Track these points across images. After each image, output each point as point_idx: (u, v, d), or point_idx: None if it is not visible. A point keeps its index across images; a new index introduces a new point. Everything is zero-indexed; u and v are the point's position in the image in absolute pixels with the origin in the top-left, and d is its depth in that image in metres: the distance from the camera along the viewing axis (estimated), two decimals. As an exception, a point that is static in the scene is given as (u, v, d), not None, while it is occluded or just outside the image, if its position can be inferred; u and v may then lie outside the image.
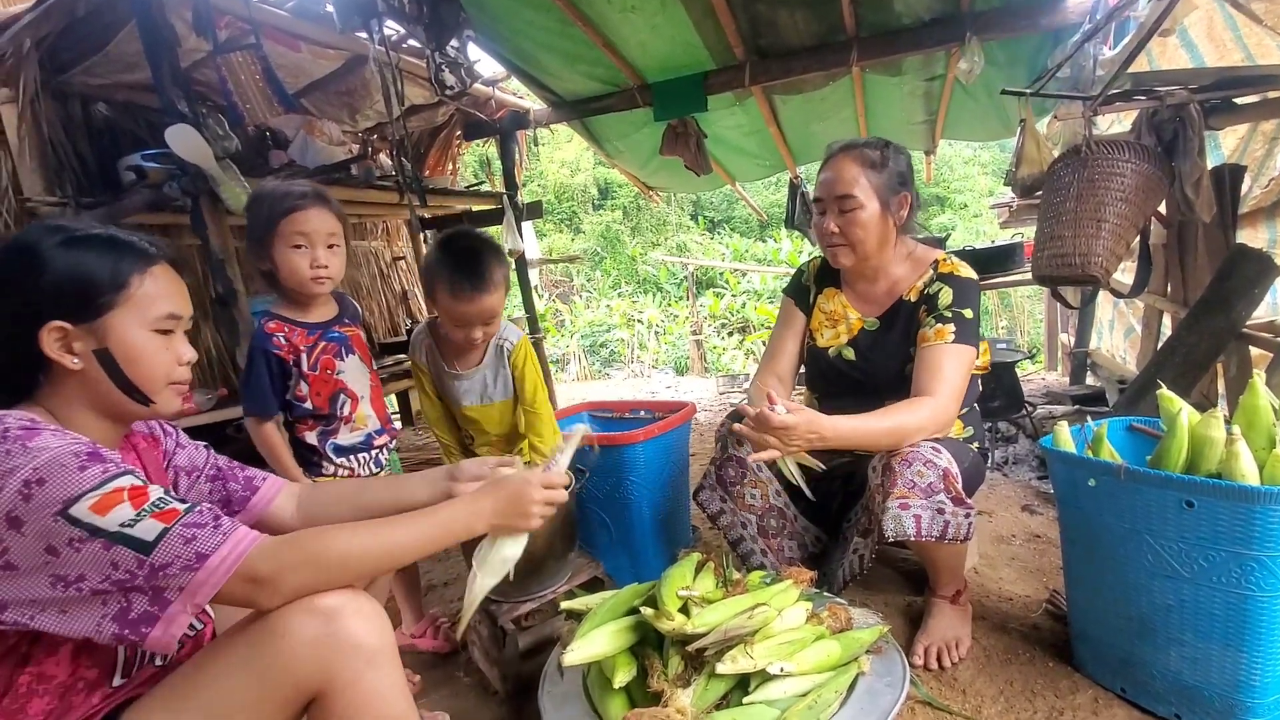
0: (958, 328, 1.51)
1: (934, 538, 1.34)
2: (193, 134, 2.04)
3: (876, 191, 1.57)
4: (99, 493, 0.76)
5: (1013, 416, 2.85)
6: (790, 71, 3.35)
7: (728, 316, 9.63)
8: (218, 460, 1.16)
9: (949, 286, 1.57)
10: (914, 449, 1.40)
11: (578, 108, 3.75)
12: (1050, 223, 2.13)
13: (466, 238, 1.62)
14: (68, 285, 0.86)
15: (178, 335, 0.97)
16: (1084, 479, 1.28)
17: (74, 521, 0.74)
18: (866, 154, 1.58)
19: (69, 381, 0.88)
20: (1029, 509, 2.26)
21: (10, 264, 0.86)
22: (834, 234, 1.60)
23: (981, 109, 3.84)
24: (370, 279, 4.33)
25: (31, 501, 0.74)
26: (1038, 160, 2.53)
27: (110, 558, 0.75)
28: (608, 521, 1.88)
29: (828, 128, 4.21)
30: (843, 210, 1.58)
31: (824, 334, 1.75)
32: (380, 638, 0.89)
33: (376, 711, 0.88)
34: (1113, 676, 1.35)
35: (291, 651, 0.83)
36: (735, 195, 16.02)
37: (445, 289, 1.54)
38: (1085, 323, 3.77)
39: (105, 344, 0.88)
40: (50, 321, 0.84)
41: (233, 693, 0.83)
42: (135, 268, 0.91)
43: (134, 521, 0.77)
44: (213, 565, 0.79)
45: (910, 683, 1.18)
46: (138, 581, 0.76)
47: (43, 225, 0.91)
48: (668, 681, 1.09)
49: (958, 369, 1.49)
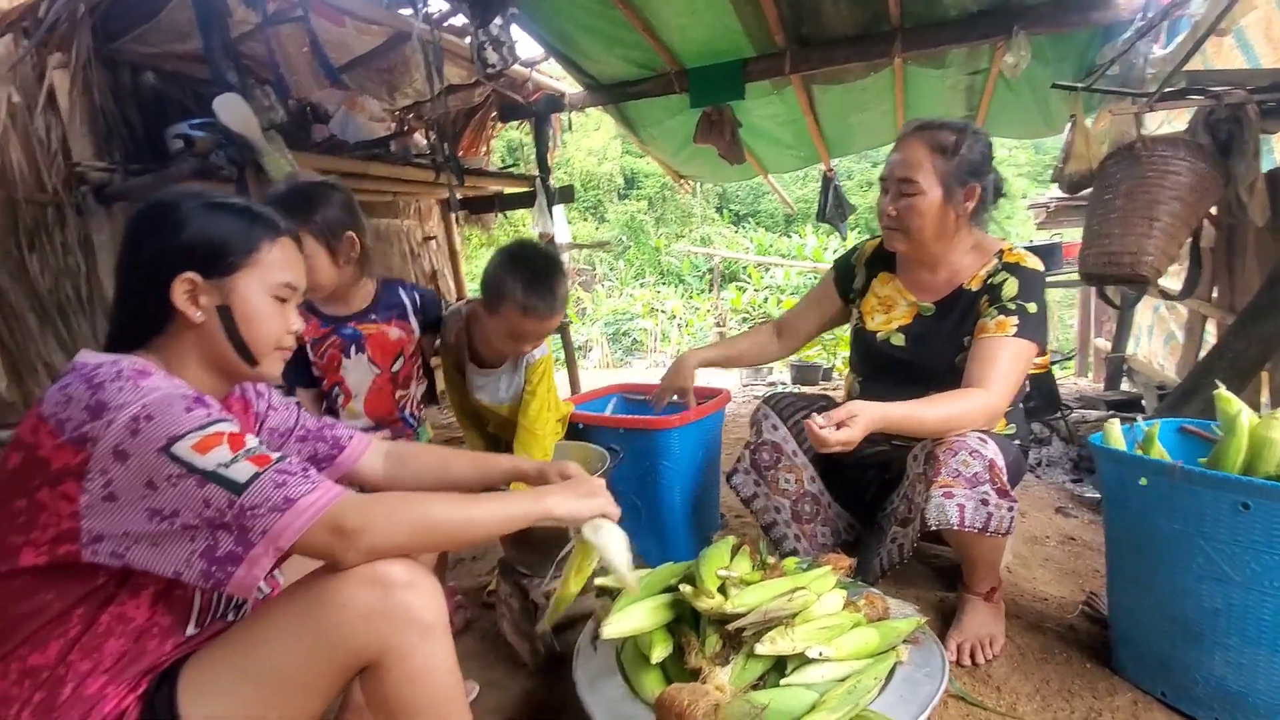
0: (1020, 321, 1.45)
1: (977, 529, 1.32)
2: (240, 104, 2.07)
3: (940, 179, 1.49)
4: (201, 433, 0.79)
5: (1048, 418, 2.80)
6: (831, 61, 3.31)
7: (749, 311, 9.57)
8: (306, 421, 1.19)
9: (1014, 277, 1.50)
10: (960, 438, 1.37)
11: (613, 92, 3.73)
12: (1100, 220, 2.08)
13: (542, 256, 1.61)
14: (204, 241, 0.91)
15: (290, 306, 1.01)
16: (1135, 478, 1.25)
17: (175, 458, 0.77)
18: (939, 137, 1.50)
19: (187, 334, 0.93)
20: (1063, 511, 2.23)
21: (154, 217, 0.92)
22: (891, 217, 1.55)
23: (1024, 105, 3.77)
24: (400, 258, 4.36)
25: (138, 436, 0.76)
26: (1087, 157, 2.47)
27: (203, 495, 0.78)
28: (639, 504, 1.88)
29: (866, 120, 4.16)
30: (902, 194, 1.52)
31: (875, 318, 1.70)
32: (435, 613, 0.90)
33: (427, 685, 0.90)
34: (1153, 680, 1.32)
35: (348, 622, 0.84)
36: (762, 189, 15.93)
37: (518, 306, 1.52)
38: (1123, 327, 3.70)
39: (229, 301, 0.93)
40: (184, 272, 0.89)
41: (289, 654, 0.85)
42: (266, 235, 0.96)
43: (230, 463, 0.79)
44: (299, 509, 0.80)
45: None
46: (226, 519, 0.78)
47: (186, 189, 0.97)
48: (705, 659, 1.09)
49: (1015, 363, 1.44)
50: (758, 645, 1.08)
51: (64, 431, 0.77)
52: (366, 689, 0.91)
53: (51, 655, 0.81)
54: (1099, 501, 2.28)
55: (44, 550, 0.78)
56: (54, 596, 0.80)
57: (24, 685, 0.80)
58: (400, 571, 0.87)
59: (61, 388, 0.80)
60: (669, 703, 0.97)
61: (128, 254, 0.92)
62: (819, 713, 1.01)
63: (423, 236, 4.59)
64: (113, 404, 0.77)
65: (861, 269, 1.78)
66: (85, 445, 0.76)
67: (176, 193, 0.95)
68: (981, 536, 1.34)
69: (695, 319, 9.58)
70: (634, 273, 12.57)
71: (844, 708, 1.02)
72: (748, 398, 4.68)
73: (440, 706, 0.92)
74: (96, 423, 0.76)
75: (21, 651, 0.80)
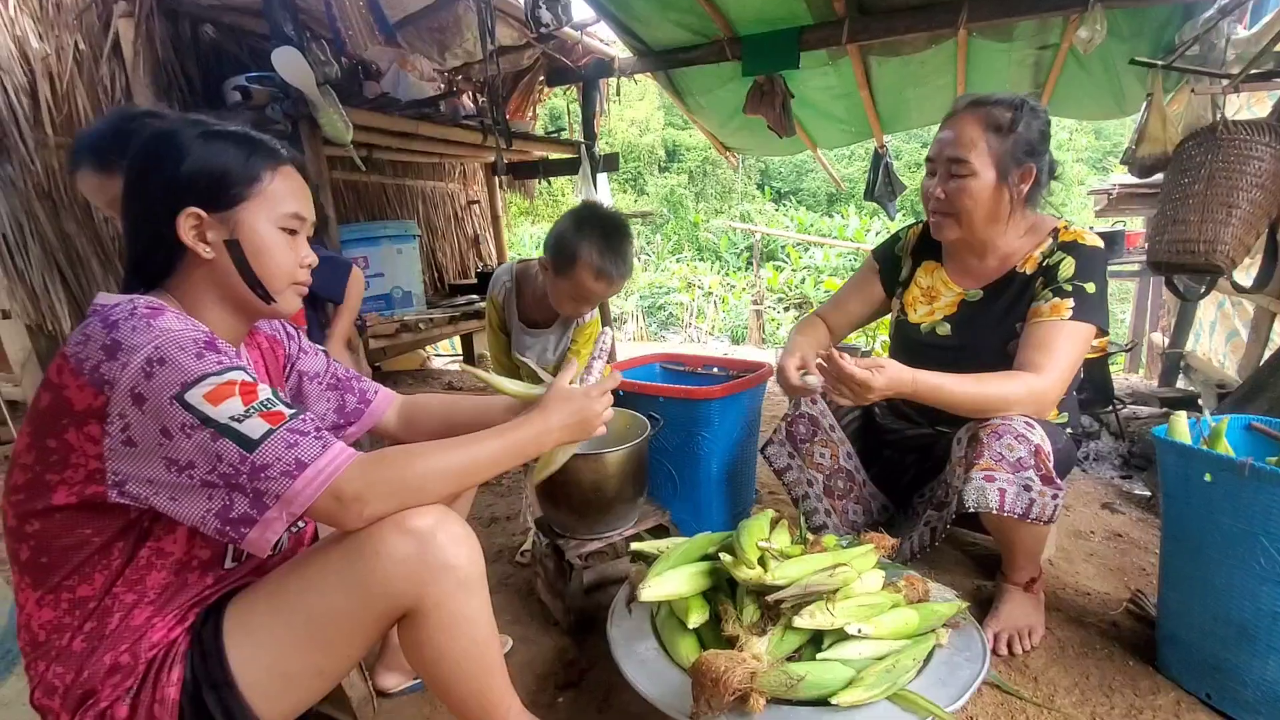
0: (1077, 302, 1.38)
1: (1017, 514, 1.28)
2: (297, 58, 2.08)
3: (995, 159, 1.40)
4: (214, 381, 0.78)
5: (1099, 411, 2.70)
6: (892, 31, 3.18)
7: (785, 291, 9.44)
8: (336, 369, 1.20)
9: (1072, 256, 1.42)
10: (1005, 421, 1.32)
11: (664, 58, 3.65)
12: (1174, 206, 1.98)
13: (614, 220, 1.62)
14: (205, 173, 0.87)
15: (300, 238, 0.98)
16: (1199, 473, 1.20)
17: (188, 407, 0.76)
18: (994, 114, 1.41)
19: (199, 272, 0.91)
20: (1110, 507, 2.16)
21: (154, 150, 0.88)
22: (940, 200, 1.46)
23: (1095, 83, 3.58)
24: (445, 220, 4.39)
25: (152, 380, 0.76)
26: (1162, 139, 2.34)
27: (216, 449, 0.77)
28: (674, 474, 1.89)
29: (922, 95, 4.00)
30: (952, 175, 1.43)
31: (917, 310, 1.62)
32: (471, 561, 0.91)
33: (464, 632, 0.92)
34: (1199, 681, 1.29)
35: (385, 570, 0.85)
36: (805, 166, 15.59)
37: (590, 269, 1.54)
38: (1184, 322, 3.54)
39: (236, 235, 0.90)
40: (188, 207, 0.87)
41: (329, 600, 0.87)
42: (267, 164, 0.93)
43: (242, 417, 0.78)
44: (310, 475, 0.80)
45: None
46: (240, 480, 0.78)
47: (183, 117, 0.93)
48: (743, 628, 1.09)
49: (1071, 348, 1.36)
50: (796, 618, 1.07)
51: (84, 371, 0.76)
52: (403, 636, 0.93)
53: (98, 586, 0.83)
54: (1149, 499, 2.20)
55: (75, 490, 0.79)
56: (92, 531, 0.82)
57: (75, 615, 0.83)
58: (436, 521, 0.87)
59: (82, 327, 0.79)
60: (705, 667, 0.97)
61: (132, 189, 0.89)
62: (855, 689, 1.00)
63: (466, 200, 4.61)
64: (126, 344, 0.76)
65: (907, 258, 1.69)
66: (104, 387, 0.76)
67: (174, 121, 0.91)
68: (1022, 523, 1.30)
69: (731, 296, 9.49)
70: (671, 247, 12.49)
71: (881, 685, 1.01)
72: (783, 377, 4.64)
73: (475, 654, 0.94)
74: (113, 363, 0.76)
75: (69, 583, 0.83)
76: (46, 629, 0.83)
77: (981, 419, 1.36)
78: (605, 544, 1.56)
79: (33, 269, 2.39)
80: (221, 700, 0.84)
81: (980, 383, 1.33)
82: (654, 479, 1.90)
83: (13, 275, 2.36)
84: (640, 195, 14.49)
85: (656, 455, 1.88)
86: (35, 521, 0.81)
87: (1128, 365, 4.88)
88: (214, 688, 0.84)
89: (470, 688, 0.96)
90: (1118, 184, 4.29)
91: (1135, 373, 4.89)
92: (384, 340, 2.91)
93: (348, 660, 0.93)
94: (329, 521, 0.84)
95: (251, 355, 1.05)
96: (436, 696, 1.00)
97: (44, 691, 0.83)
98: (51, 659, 0.83)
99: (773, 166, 16.03)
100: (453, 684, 0.95)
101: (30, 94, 2.36)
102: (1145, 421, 2.89)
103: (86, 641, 0.83)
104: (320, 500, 0.80)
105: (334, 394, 1.18)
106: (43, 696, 0.84)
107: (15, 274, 2.36)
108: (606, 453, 1.47)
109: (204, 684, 0.84)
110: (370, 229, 3.15)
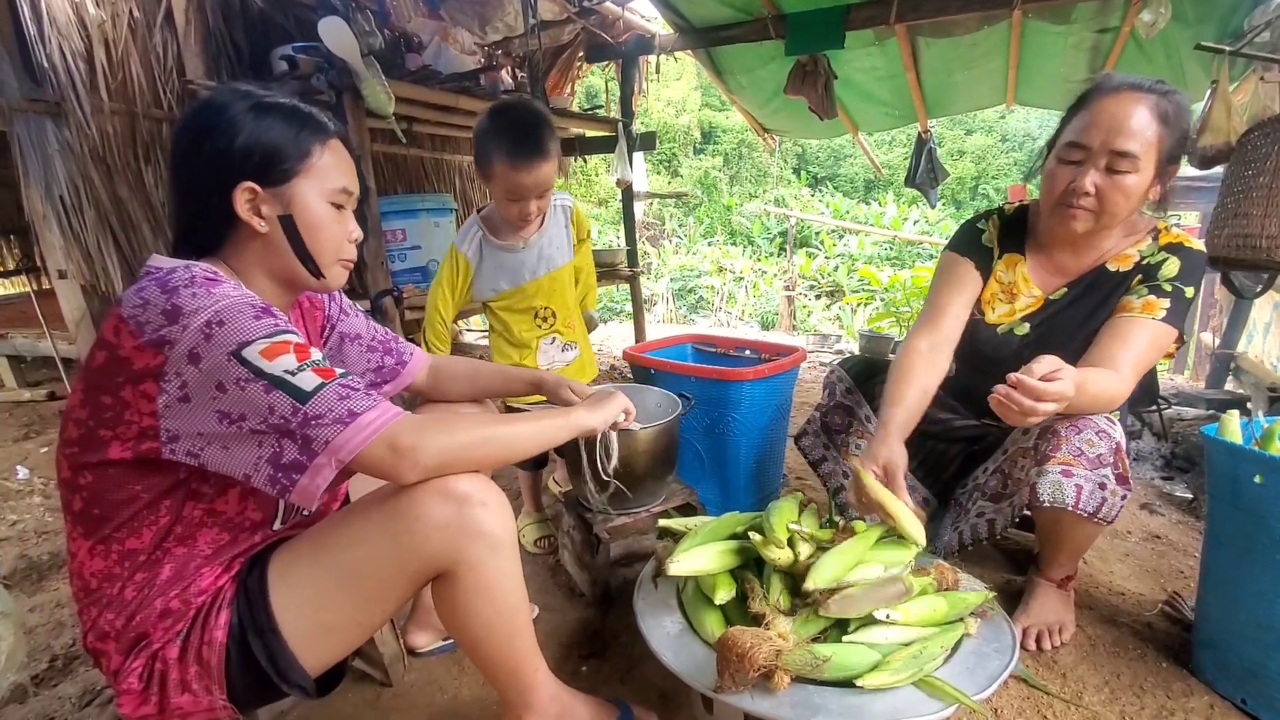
0: (1172, 305, 1.29)
1: (1088, 513, 1.24)
2: (343, 27, 2.10)
3: (1159, 156, 1.25)
4: (269, 340, 0.80)
5: (1142, 410, 2.63)
6: (944, 10, 3.08)
7: (818, 279, 9.30)
8: (375, 330, 1.24)
9: (1177, 258, 1.33)
10: (1086, 416, 1.28)
11: (706, 35, 3.60)
12: (1236, 198, 1.89)
13: (521, 107, 1.61)
14: (258, 149, 0.89)
15: (347, 212, 1.00)
16: (1249, 475, 1.16)
17: (243, 362, 0.78)
18: (1161, 103, 1.24)
19: (251, 244, 0.94)
20: (1149, 508, 2.11)
21: (206, 125, 0.90)
22: (1087, 195, 1.28)
23: (1156, 70, 3.43)
24: (481, 196, 4.41)
25: (211, 340, 0.78)
26: (1226, 129, 2.24)
27: (269, 400, 0.79)
28: (702, 454, 1.89)
29: (971, 79, 3.89)
30: (1112, 169, 1.26)
31: (996, 309, 1.50)
32: (504, 528, 0.94)
33: (495, 596, 0.95)
34: (1235, 686, 1.26)
35: (424, 532, 0.88)
36: (842, 152, 15.29)
37: (503, 158, 1.53)
38: (1236, 322, 3.40)
39: (290, 210, 0.92)
40: (243, 182, 0.89)
41: (368, 558, 0.90)
42: (316, 138, 0.94)
43: (296, 371, 0.80)
44: (361, 424, 0.82)
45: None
46: (291, 427, 0.80)
47: (230, 89, 0.94)
48: (769, 607, 1.09)
49: (1151, 350, 1.28)
50: (827, 605, 1.07)
51: (143, 333, 0.78)
52: (437, 596, 0.96)
53: (146, 540, 0.87)
54: (1190, 502, 2.14)
55: (129, 446, 0.82)
56: (141, 489, 0.85)
57: (124, 566, 0.87)
58: (474, 488, 0.90)
59: (138, 290, 0.81)
60: (731, 643, 0.98)
61: (184, 161, 0.91)
62: (881, 672, 1.00)
63: (501, 176, 4.61)
64: (187, 309, 0.78)
65: (996, 247, 1.55)
66: (163, 348, 0.78)
67: (225, 92, 0.92)
68: (1085, 522, 1.26)
69: (762, 282, 9.40)
70: (703, 230, 12.38)
71: (907, 671, 1.01)
72: (812, 363, 4.59)
73: (506, 617, 0.98)
74: (173, 326, 0.78)
75: (119, 535, 0.86)
76: (98, 578, 0.87)
77: None
78: (634, 519, 1.57)
79: (88, 231, 2.47)
80: (266, 645, 0.88)
81: (1098, 382, 1.19)
82: (682, 458, 1.91)
83: (69, 237, 2.44)
84: (674, 177, 14.36)
85: (685, 435, 1.88)
86: (88, 474, 0.84)
87: (1174, 365, 4.72)
88: (259, 633, 0.88)
89: (500, 648, 1.00)
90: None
91: (1181, 374, 4.73)
92: (419, 312, 2.95)
93: (383, 614, 0.96)
94: (382, 472, 0.85)
95: (292, 317, 1.08)
96: (467, 655, 1.03)
97: (96, 636, 0.88)
98: (103, 606, 0.87)
99: (810, 151, 15.74)
100: (483, 644, 0.99)
101: (87, 59, 2.42)
102: (1190, 423, 2.80)
103: (137, 590, 0.87)
104: (374, 449, 0.82)
105: (373, 354, 1.22)
106: (95, 640, 0.88)
107: (72, 235, 2.44)
108: (637, 429, 1.48)
109: (249, 629, 0.88)
110: (408, 201, 3.18)
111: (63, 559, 1.99)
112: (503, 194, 1.61)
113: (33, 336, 3.13)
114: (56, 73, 2.36)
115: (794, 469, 2.47)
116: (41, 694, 1.42)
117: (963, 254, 1.55)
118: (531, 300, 1.81)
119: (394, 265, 3.07)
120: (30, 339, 3.14)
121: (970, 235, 1.57)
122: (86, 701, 1.38)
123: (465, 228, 1.78)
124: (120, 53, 2.51)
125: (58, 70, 2.36)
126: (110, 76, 2.48)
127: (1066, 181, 1.31)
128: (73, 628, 1.64)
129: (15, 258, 4.78)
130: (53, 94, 2.37)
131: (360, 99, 2.19)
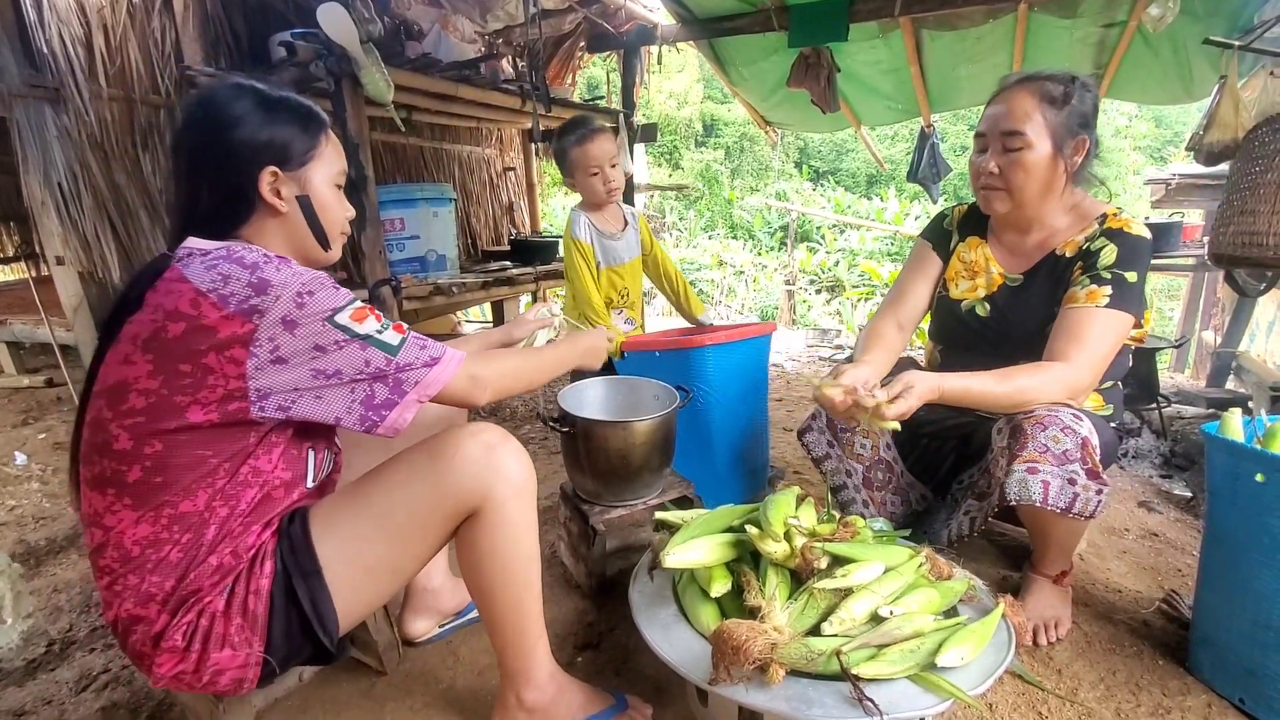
0: (1115, 291, 1.35)
1: (1059, 509, 1.25)
2: (342, 14, 2.08)
3: (1051, 131, 1.39)
4: (353, 307, 0.93)
5: (1142, 408, 2.62)
6: (949, 3, 3.06)
7: (818, 273, 9.28)
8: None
9: (1114, 244, 1.39)
10: (1051, 412, 1.29)
11: (708, 26, 3.57)
12: (1242, 196, 1.88)
13: (577, 115, 2.13)
14: (278, 137, 1.00)
15: (342, 193, 1.12)
16: (1250, 473, 1.16)
17: (339, 326, 0.91)
18: (1048, 88, 1.39)
19: (271, 223, 1.03)
20: (1147, 506, 2.10)
21: (226, 117, 0.97)
22: (992, 175, 1.45)
23: (1163, 65, 3.41)
24: (480, 186, 4.39)
25: (304, 309, 0.89)
26: (1233, 125, 2.23)
27: (365, 356, 0.93)
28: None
29: (975, 73, 3.86)
30: (1007, 149, 1.41)
31: (959, 285, 1.62)
32: (525, 474, 1.06)
33: (515, 535, 1.05)
34: (1232, 685, 1.25)
35: (461, 469, 1.00)
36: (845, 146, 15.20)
37: (574, 144, 1.98)
38: (1239, 321, 3.39)
39: (305, 191, 1.04)
40: (268, 166, 0.99)
41: (408, 499, 1.00)
42: (321, 128, 1.07)
43: (381, 330, 0.95)
44: (444, 364, 0.99)
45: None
46: (386, 374, 0.94)
47: (237, 83, 1.02)
48: (765, 600, 1.09)
49: (1104, 336, 1.34)
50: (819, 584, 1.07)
51: (229, 304, 0.86)
52: (463, 537, 1.05)
53: (200, 503, 0.91)
54: (1189, 500, 2.14)
55: (213, 408, 0.88)
56: (211, 453, 0.91)
57: (173, 529, 0.91)
58: (498, 436, 1.04)
59: (210, 267, 0.89)
60: (726, 635, 0.98)
61: (204, 148, 0.98)
62: (876, 662, 1.00)
63: (503, 167, 4.59)
64: (275, 281, 0.88)
65: (955, 232, 1.68)
66: (253, 316, 0.86)
67: (231, 87, 1.00)
68: (1063, 518, 1.27)
69: (762, 276, 9.37)
70: (704, 223, 12.33)
71: (903, 664, 1.01)
72: (811, 358, 4.58)
73: (522, 557, 1.07)
74: (264, 297, 0.87)
75: (173, 499, 0.90)
76: (141, 544, 0.90)
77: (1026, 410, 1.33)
78: (630, 511, 1.57)
79: (85, 218, 2.45)
80: (310, 589, 0.96)
81: (1006, 379, 1.32)
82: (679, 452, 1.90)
83: (67, 223, 2.43)
84: (675, 169, 14.30)
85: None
86: (157, 442, 0.88)
87: (1174, 364, 4.71)
88: (304, 576, 0.96)
89: (511, 598, 1.08)
90: (1177, 173, 4.10)
91: (1182, 372, 4.72)
92: (417, 302, 2.93)
93: (418, 559, 1.05)
94: (460, 398, 1.03)
95: None
96: (478, 605, 1.10)
97: (137, 601, 0.90)
98: (147, 571, 0.90)
99: (811, 145, 15.67)
100: (496, 590, 1.07)
101: (86, 45, 2.40)
102: (1190, 421, 2.80)
103: (184, 552, 0.91)
104: (457, 381, 1.01)
105: None
106: (135, 607, 0.90)
107: (70, 222, 2.43)
108: (634, 421, 1.48)
109: (294, 573, 0.95)
110: (407, 190, 3.16)
111: (60, 545, 1.98)
112: (584, 174, 2.02)
113: (31, 323, 3.12)
114: (56, 59, 2.35)
115: (791, 463, 2.47)
116: (39, 678, 1.42)
117: (925, 238, 1.72)
118: (622, 279, 2.17)
119: (392, 255, 3.06)
120: (29, 325, 3.13)
121: (934, 222, 1.74)
122: (83, 686, 1.38)
123: (573, 221, 2.10)
124: (119, 39, 2.49)
125: (57, 56, 2.34)
126: (109, 63, 2.47)
127: (977, 167, 1.48)
128: (69, 613, 1.64)
129: (14, 244, 4.77)
130: (52, 80, 2.36)
131: (359, 86, 2.18)
